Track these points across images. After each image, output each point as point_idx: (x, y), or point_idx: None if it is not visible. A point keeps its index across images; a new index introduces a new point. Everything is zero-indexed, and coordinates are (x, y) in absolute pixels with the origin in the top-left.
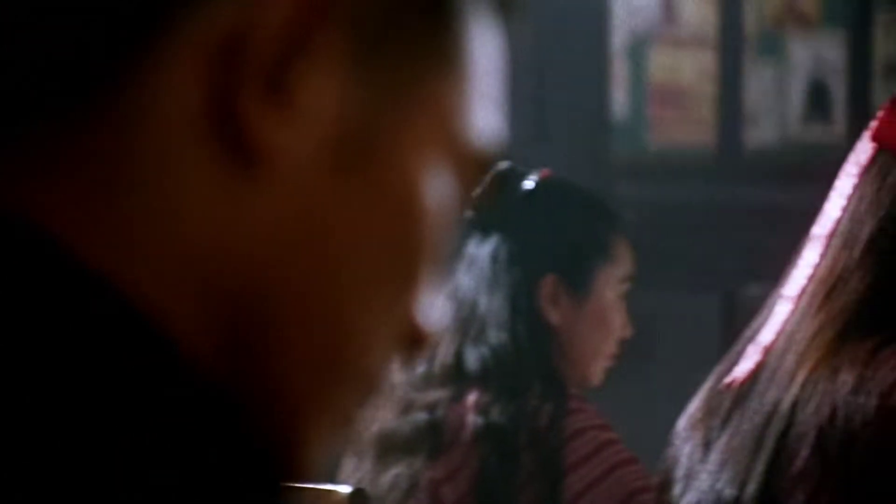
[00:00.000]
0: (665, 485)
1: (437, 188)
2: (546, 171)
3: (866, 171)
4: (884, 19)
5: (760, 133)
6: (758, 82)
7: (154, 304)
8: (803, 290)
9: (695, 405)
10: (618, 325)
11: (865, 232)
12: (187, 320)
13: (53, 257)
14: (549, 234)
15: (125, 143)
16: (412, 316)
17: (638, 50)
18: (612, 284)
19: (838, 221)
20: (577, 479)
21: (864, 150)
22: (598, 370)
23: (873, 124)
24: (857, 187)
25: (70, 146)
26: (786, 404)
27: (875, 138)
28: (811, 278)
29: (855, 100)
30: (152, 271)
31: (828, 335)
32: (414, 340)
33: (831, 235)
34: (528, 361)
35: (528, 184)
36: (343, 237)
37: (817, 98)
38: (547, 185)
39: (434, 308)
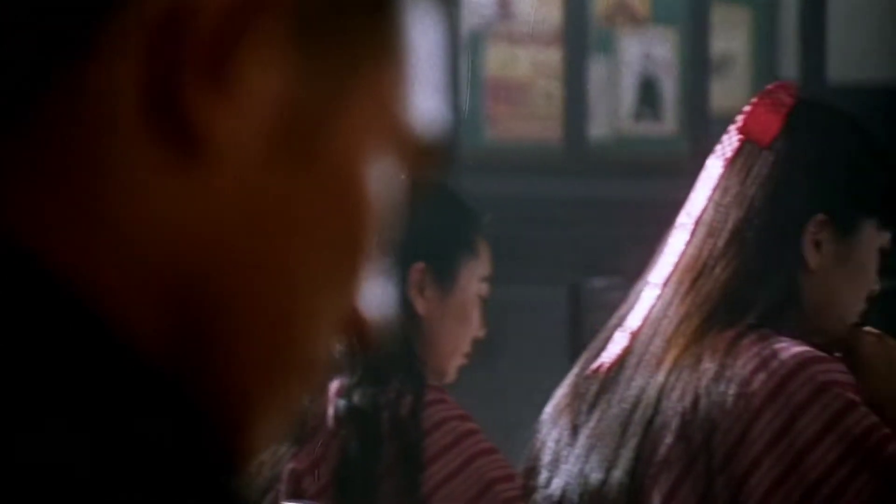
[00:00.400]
0: (531, 471)
1: (378, 174)
2: None
3: (732, 163)
4: (719, 16)
5: (596, 128)
6: (592, 79)
7: (103, 293)
8: (669, 277)
9: (562, 391)
10: (475, 324)
11: (730, 222)
12: (136, 309)
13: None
14: (417, 223)
15: (75, 136)
16: (353, 302)
17: (474, 46)
18: (474, 281)
19: (704, 210)
20: (436, 470)
21: (729, 141)
22: (453, 367)
23: (740, 117)
24: (722, 178)
25: (27, 142)
26: (651, 391)
27: (742, 131)
28: (677, 266)
29: (687, 96)
30: (101, 262)
31: (693, 322)
32: (355, 326)
33: (697, 224)
34: (393, 348)
35: None
36: (287, 223)
37: (647, 94)
38: None
39: (374, 295)
